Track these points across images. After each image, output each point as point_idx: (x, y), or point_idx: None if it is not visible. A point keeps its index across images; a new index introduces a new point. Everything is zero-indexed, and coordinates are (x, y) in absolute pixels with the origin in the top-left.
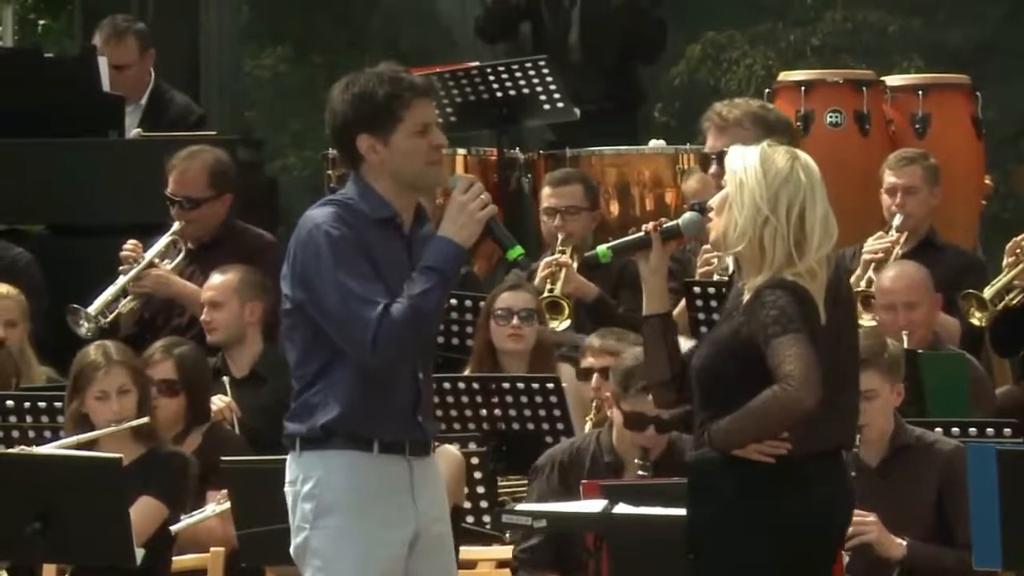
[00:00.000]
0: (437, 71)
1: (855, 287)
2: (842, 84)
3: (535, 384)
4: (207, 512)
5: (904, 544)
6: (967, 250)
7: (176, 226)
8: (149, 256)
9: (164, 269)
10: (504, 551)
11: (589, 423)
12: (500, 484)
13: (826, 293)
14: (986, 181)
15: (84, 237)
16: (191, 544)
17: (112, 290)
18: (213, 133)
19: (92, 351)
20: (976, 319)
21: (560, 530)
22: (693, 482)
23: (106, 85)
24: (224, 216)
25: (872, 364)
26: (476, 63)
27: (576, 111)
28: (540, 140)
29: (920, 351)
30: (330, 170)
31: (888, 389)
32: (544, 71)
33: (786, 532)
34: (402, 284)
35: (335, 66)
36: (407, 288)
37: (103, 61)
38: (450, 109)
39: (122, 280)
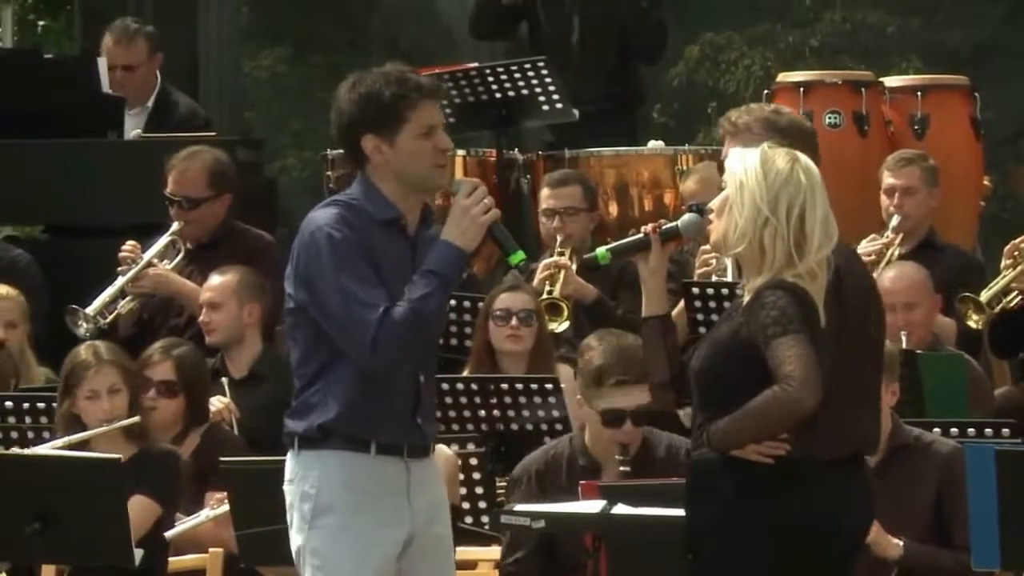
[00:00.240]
0: (436, 72)
1: None
2: (841, 85)
3: (534, 385)
4: (202, 517)
5: (901, 544)
6: (967, 251)
7: (175, 226)
8: (148, 256)
9: (163, 268)
10: None
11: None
12: (499, 484)
13: (826, 295)
14: (985, 182)
15: (84, 237)
16: (190, 544)
17: (111, 291)
18: (212, 134)
19: (83, 351)
20: (973, 322)
21: (559, 530)
22: (692, 482)
23: (106, 86)
24: (223, 216)
25: None
26: (475, 64)
27: (575, 112)
28: (539, 141)
29: (919, 352)
30: (329, 171)
31: (883, 389)
32: (543, 72)
33: (786, 532)
34: (404, 286)
35: (335, 66)
36: (408, 291)
37: (102, 62)
38: (449, 110)
39: (121, 281)
